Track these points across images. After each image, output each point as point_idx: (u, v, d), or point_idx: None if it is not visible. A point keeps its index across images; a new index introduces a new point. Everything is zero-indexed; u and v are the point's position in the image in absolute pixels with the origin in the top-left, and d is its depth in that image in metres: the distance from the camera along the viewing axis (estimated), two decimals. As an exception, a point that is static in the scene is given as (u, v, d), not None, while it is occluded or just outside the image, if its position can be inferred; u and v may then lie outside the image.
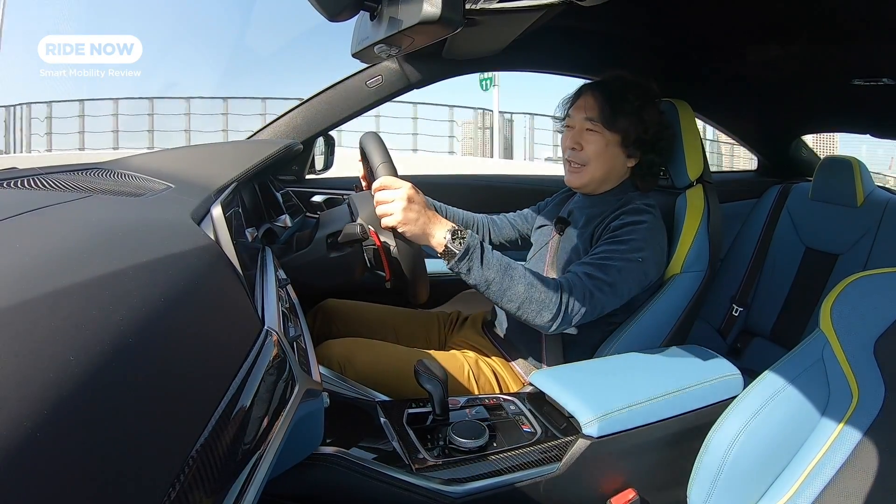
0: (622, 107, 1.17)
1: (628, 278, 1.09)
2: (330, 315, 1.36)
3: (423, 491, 0.80)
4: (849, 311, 0.81)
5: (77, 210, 0.62)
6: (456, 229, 0.98)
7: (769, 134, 2.09)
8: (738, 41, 1.48)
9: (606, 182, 1.23)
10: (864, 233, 1.65)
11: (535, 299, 0.99)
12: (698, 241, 1.24)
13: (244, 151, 1.15)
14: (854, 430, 0.76)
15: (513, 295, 0.99)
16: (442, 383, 0.90)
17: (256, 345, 0.57)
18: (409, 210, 0.96)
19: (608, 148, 1.18)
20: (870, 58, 1.32)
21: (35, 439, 0.29)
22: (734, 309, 1.85)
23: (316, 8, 0.76)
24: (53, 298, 0.38)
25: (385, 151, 1.06)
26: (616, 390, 0.98)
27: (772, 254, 1.83)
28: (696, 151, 1.31)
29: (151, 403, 0.38)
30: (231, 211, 0.81)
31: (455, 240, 0.97)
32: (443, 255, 0.98)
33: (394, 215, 0.96)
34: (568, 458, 0.90)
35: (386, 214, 0.97)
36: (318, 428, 0.74)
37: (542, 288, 1.00)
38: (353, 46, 1.00)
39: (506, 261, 1.01)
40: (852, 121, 2.00)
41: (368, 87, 1.54)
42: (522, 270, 1.01)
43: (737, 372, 1.07)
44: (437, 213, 1.01)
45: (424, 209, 0.98)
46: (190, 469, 0.38)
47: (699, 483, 0.84)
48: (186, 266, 0.54)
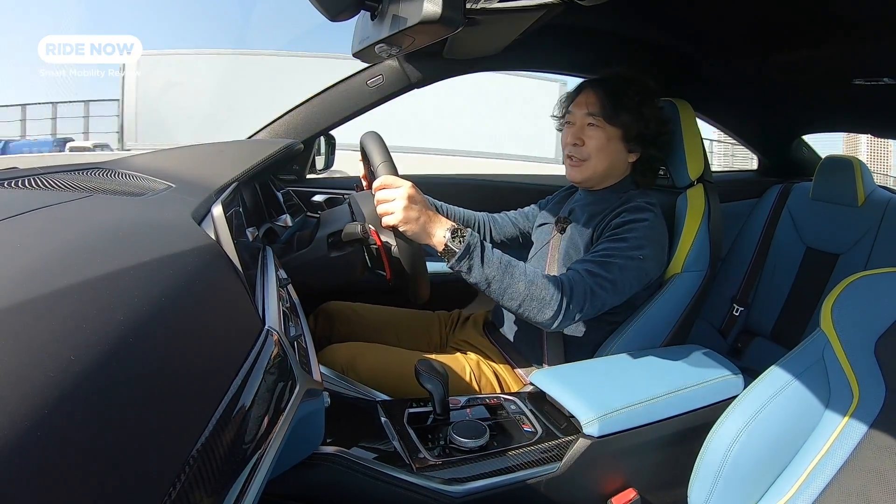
0: (623, 102, 1.17)
1: (629, 275, 1.09)
2: (331, 317, 1.36)
3: (424, 490, 0.80)
4: (849, 310, 0.81)
5: (78, 210, 0.63)
6: (456, 228, 0.98)
7: (770, 133, 2.08)
8: (738, 41, 1.48)
9: (608, 178, 1.23)
10: (865, 232, 1.65)
11: (536, 297, 0.99)
12: (699, 241, 1.24)
13: (245, 151, 1.15)
14: (855, 430, 0.76)
15: (514, 293, 0.99)
16: (443, 383, 0.90)
17: (257, 344, 0.57)
18: (410, 209, 0.96)
19: (610, 142, 1.19)
20: (871, 57, 1.31)
21: (35, 438, 0.29)
22: (735, 309, 1.85)
23: (317, 7, 0.77)
24: (54, 298, 0.38)
25: (385, 151, 1.06)
26: (617, 390, 0.98)
27: (772, 253, 1.82)
28: (697, 151, 1.31)
29: (152, 403, 0.38)
30: (232, 210, 0.81)
31: (455, 238, 0.97)
32: (443, 253, 0.98)
33: (394, 214, 0.96)
34: (568, 458, 0.90)
35: (387, 213, 0.97)
36: (319, 427, 0.74)
37: (542, 285, 1.00)
38: (354, 46, 1.00)
39: (506, 259, 1.01)
40: (853, 121, 2.00)
41: (369, 87, 1.54)
42: (523, 268, 1.01)
43: (737, 372, 1.07)
44: (437, 212, 1.01)
45: (425, 208, 0.98)
46: (190, 468, 0.38)
47: (700, 483, 0.84)
48: (187, 265, 0.54)
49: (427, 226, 0.97)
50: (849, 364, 0.78)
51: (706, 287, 1.26)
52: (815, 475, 0.76)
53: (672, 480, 0.96)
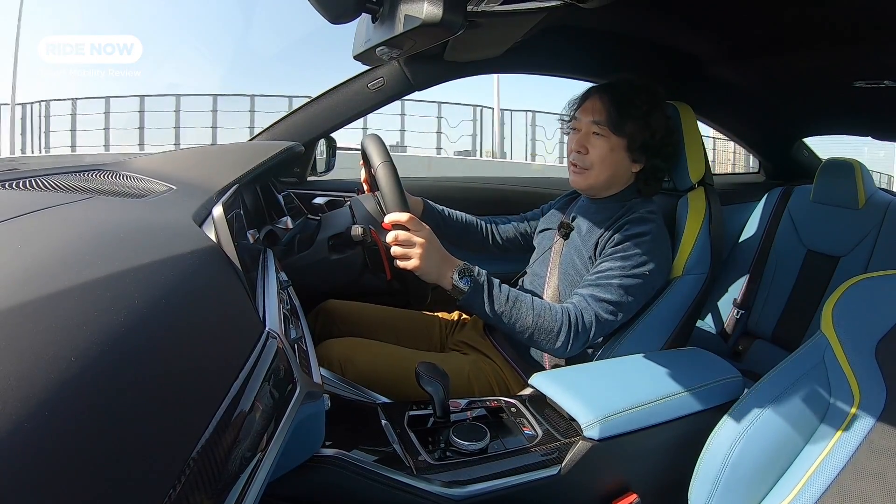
0: (630, 111, 1.16)
1: (635, 293, 1.11)
2: (331, 316, 1.36)
3: (424, 493, 0.80)
4: (850, 313, 0.81)
5: (79, 211, 0.63)
6: (464, 267, 1.02)
7: (771, 136, 2.08)
8: (739, 43, 1.48)
9: (611, 186, 1.23)
10: (866, 235, 1.64)
11: (545, 329, 1.03)
12: (700, 244, 1.24)
13: (246, 153, 1.15)
14: (856, 433, 0.75)
15: (522, 327, 1.03)
16: (443, 385, 0.90)
17: (257, 347, 0.57)
18: (429, 259, 1.00)
19: (613, 152, 1.18)
20: (871, 60, 1.32)
21: (36, 439, 0.29)
22: (735, 311, 1.84)
23: (318, 10, 0.77)
24: (55, 300, 0.38)
25: (385, 151, 1.06)
26: (617, 393, 0.98)
27: (773, 256, 1.82)
28: (698, 154, 1.31)
29: (152, 405, 0.38)
30: (232, 213, 0.81)
31: (463, 277, 1.01)
32: (452, 292, 1.02)
33: (412, 260, 0.99)
34: (569, 461, 0.89)
35: (404, 257, 1.00)
36: (319, 430, 0.73)
37: (550, 318, 1.04)
38: (355, 48, 1.00)
39: (513, 294, 1.04)
40: (854, 123, 2.00)
41: (370, 90, 1.54)
42: (530, 302, 1.05)
43: (738, 374, 1.07)
44: (441, 217, 1.01)
45: (440, 252, 1.01)
46: (190, 470, 0.38)
47: (700, 485, 0.83)
48: (188, 267, 0.54)
49: (440, 268, 1.01)
50: (849, 367, 0.78)
51: (707, 290, 1.26)
52: (816, 478, 0.76)
53: (673, 483, 0.96)
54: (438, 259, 1.01)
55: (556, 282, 1.22)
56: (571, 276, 1.18)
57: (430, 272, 1.00)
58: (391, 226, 1.01)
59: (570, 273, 1.19)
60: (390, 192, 1.03)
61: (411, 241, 0.99)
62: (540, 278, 1.27)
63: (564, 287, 1.19)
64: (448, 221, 1.40)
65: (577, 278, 1.16)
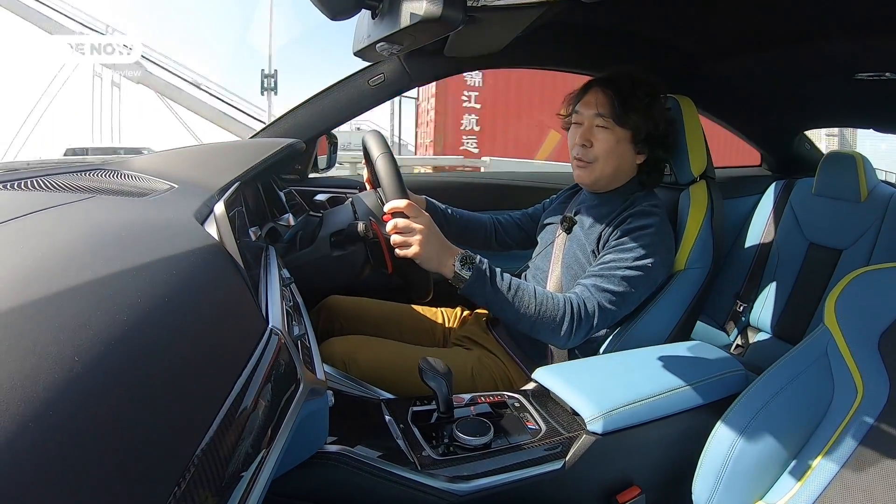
0: (632, 103, 1.16)
1: (638, 285, 1.10)
2: (333, 312, 1.37)
3: (429, 489, 0.80)
4: (853, 306, 0.81)
5: (80, 211, 0.63)
6: (465, 255, 1.01)
7: (772, 129, 2.08)
8: (740, 36, 1.47)
9: (615, 179, 1.22)
10: (868, 228, 1.64)
11: (547, 318, 1.02)
12: (702, 238, 1.24)
13: (247, 151, 1.15)
14: (859, 426, 0.75)
15: (524, 316, 1.02)
16: (447, 381, 0.90)
17: (260, 344, 0.57)
18: (429, 244, 0.98)
19: (619, 144, 1.17)
20: (873, 52, 1.31)
21: (39, 439, 0.29)
22: (738, 305, 1.85)
23: (318, 6, 0.76)
24: (57, 299, 0.38)
25: (384, 144, 1.06)
26: (620, 387, 0.98)
27: (775, 249, 1.82)
28: (700, 147, 1.31)
29: (156, 403, 0.38)
30: (234, 210, 0.81)
31: (464, 266, 1.00)
32: (453, 280, 1.01)
33: (413, 247, 0.98)
34: (573, 455, 0.89)
35: (404, 245, 0.99)
36: (323, 426, 0.74)
37: (552, 307, 1.03)
38: (355, 45, 1.00)
39: (515, 283, 1.03)
40: (856, 116, 1.99)
41: (371, 86, 1.54)
42: (532, 291, 1.04)
43: (740, 368, 1.07)
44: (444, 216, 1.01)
45: (439, 239, 1.00)
46: (195, 468, 0.38)
47: (703, 479, 0.84)
48: (190, 266, 0.54)
49: (441, 256, 1.00)
50: (853, 359, 0.78)
51: (709, 283, 1.26)
52: (819, 471, 0.76)
53: (676, 477, 0.96)
54: (438, 246, 1.00)
55: (558, 276, 1.21)
56: (574, 270, 1.18)
57: (431, 259, 0.99)
58: (391, 215, 1.01)
59: (572, 267, 1.19)
60: (388, 180, 1.03)
61: (410, 227, 0.98)
62: (542, 272, 1.27)
63: (567, 281, 1.19)
64: (451, 219, 1.40)
65: (580, 272, 1.16)
